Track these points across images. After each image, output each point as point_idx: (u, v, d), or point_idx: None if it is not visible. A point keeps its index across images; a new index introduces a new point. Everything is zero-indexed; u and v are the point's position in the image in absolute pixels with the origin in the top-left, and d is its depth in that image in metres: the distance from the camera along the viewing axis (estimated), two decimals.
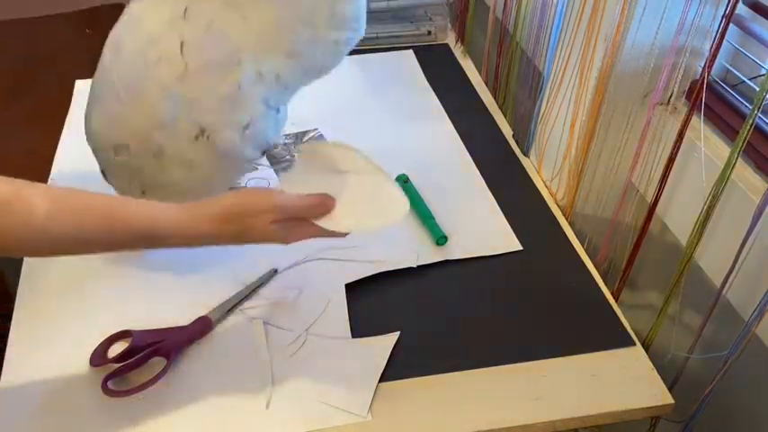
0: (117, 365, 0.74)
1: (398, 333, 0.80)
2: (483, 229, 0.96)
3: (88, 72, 0.83)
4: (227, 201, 0.70)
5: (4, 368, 0.76)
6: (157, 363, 0.75)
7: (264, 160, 1.05)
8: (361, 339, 0.80)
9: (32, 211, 0.61)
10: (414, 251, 0.90)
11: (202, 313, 0.81)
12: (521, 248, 0.93)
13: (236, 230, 0.70)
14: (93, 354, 0.76)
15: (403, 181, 1.01)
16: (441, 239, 0.92)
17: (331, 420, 0.72)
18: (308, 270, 0.88)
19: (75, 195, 0.65)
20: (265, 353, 0.77)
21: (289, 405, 0.73)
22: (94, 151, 0.83)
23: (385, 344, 0.79)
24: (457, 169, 1.06)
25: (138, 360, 0.75)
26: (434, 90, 1.14)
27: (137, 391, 0.72)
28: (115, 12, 0.78)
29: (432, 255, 0.90)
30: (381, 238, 0.92)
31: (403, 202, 0.73)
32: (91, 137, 0.83)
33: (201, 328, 0.79)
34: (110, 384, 0.73)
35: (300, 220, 0.72)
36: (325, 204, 0.72)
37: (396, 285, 0.87)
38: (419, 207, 0.96)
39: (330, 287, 0.85)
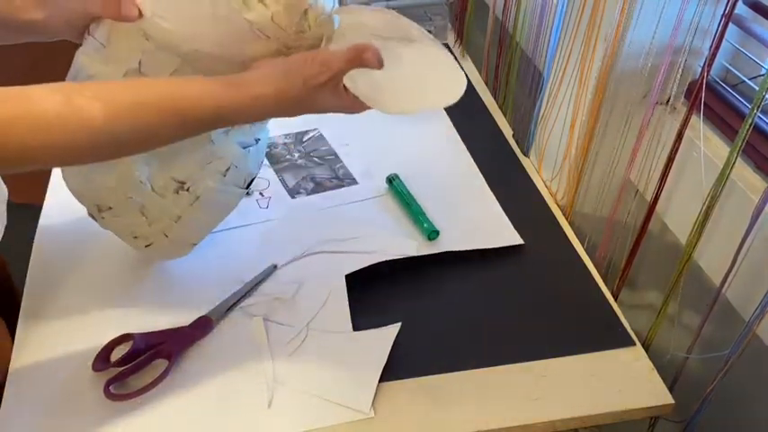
0: (119, 369, 0.74)
1: (399, 324, 0.80)
2: (483, 224, 0.96)
3: None
4: (279, 75, 0.66)
5: (8, 376, 0.76)
6: (159, 365, 0.75)
7: (265, 160, 1.05)
8: (363, 332, 0.80)
9: (88, 118, 0.58)
10: (414, 241, 0.91)
11: (203, 313, 0.81)
12: (521, 242, 0.93)
13: (297, 101, 0.67)
14: (95, 359, 0.75)
15: (390, 180, 1.01)
16: (432, 234, 0.92)
17: (334, 418, 0.72)
18: (308, 264, 0.88)
19: (129, 91, 0.62)
20: (266, 350, 0.77)
21: (291, 403, 0.73)
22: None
23: (386, 336, 0.79)
24: (456, 169, 1.06)
25: (140, 363, 0.75)
26: None
27: (138, 395, 0.72)
28: None
29: (429, 247, 0.91)
30: (376, 231, 0.92)
31: (460, 76, 0.67)
32: (72, 193, 0.81)
33: (202, 327, 0.79)
34: (112, 389, 0.72)
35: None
36: (359, 56, 0.65)
37: (394, 287, 0.87)
38: (410, 204, 0.97)
39: (330, 280, 0.85)
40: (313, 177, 1.03)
